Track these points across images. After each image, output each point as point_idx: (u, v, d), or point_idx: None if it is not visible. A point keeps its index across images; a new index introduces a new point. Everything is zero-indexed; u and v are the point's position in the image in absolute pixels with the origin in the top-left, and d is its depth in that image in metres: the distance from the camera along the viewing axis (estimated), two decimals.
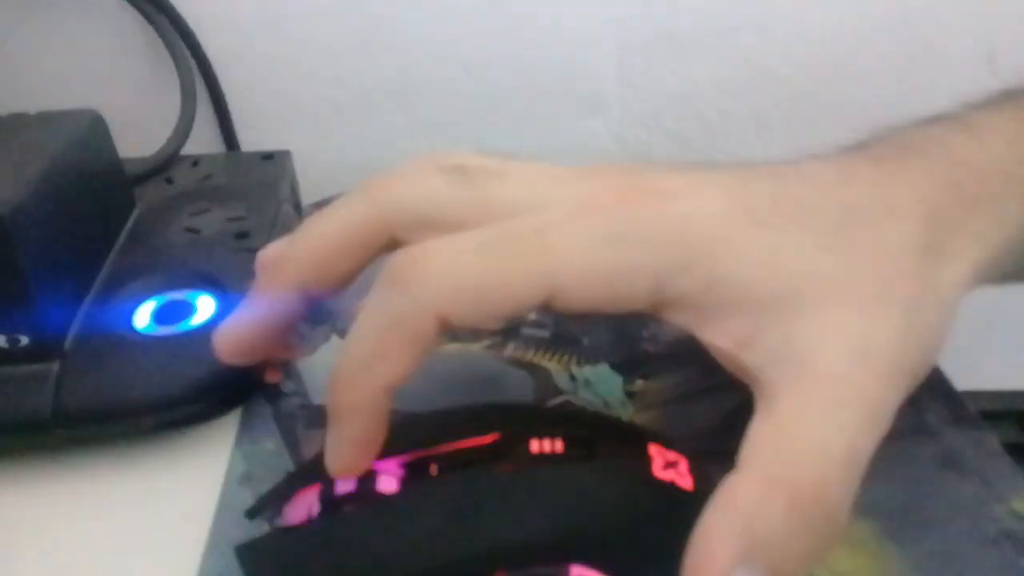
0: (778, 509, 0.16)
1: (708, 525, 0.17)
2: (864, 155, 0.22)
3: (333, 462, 0.19)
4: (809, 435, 0.17)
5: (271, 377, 0.30)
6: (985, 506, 0.24)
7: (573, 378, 0.29)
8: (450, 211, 0.20)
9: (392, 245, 0.21)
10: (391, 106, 0.47)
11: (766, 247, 0.19)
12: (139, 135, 0.39)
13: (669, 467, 0.20)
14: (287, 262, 0.22)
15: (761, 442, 0.18)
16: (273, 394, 0.30)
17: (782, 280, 0.19)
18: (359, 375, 0.19)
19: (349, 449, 0.19)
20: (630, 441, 0.21)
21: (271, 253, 0.23)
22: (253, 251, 0.32)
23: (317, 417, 0.28)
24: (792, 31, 0.46)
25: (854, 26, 0.45)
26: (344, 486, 0.20)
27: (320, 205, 0.41)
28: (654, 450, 0.21)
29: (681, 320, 0.20)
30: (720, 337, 0.19)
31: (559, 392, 0.29)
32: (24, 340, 0.27)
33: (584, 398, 0.29)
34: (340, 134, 0.48)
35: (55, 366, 0.27)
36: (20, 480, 0.27)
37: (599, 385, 0.29)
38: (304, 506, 0.20)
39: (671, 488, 0.20)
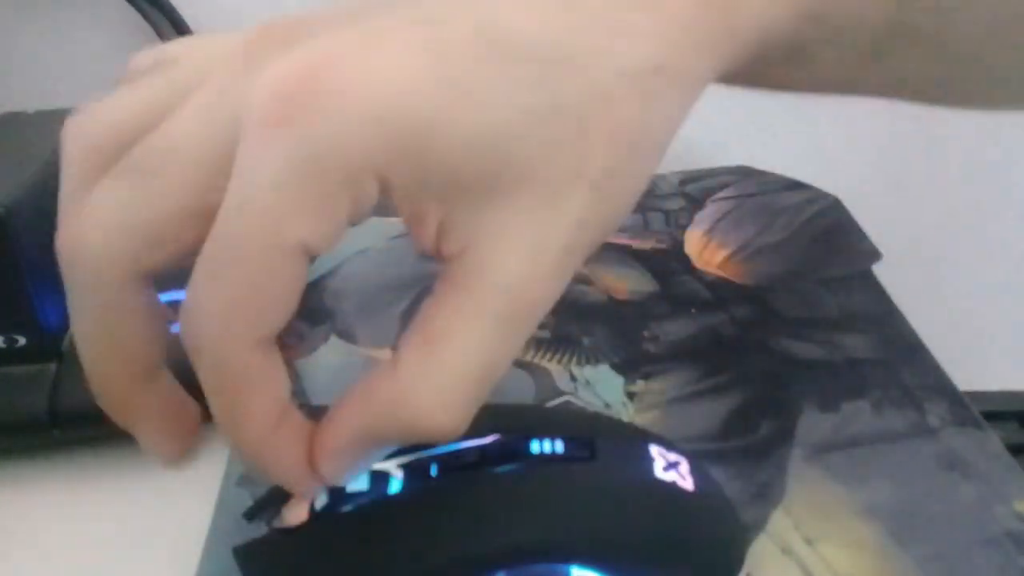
0: (387, 424, 0.17)
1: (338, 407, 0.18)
2: None
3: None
4: (448, 355, 0.17)
5: None
6: (987, 507, 0.24)
7: (573, 378, 0.29)
8: (147, 211, 0.17)
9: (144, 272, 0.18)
10: None
11: (473, 122, 0.17)
12: None
13: (670, 468, 0.20)
14: None
15: (413, 341, 0.17)
16: None
17: (485, 160, 0.17)
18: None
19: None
20: (631, 442, 0.21)
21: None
22: None
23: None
24: None
25: None
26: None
27: None
28: (655, 451, 0.20)
29: (402, 211, 0.18)
30: (429, 227, 0.17)
31: (559, 392, 0.29)
32: (22, 341, 0.27)
33: (584, 398, 0.29)
34: None
35: (53, 366, 0.27)
36: (18, 480, 0.27)
37: (599, 385, 0.29)
38: (303, 507, 0.20)
39: (672, 488, 0.20)
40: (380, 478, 0.20)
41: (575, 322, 0.32)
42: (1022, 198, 0.54)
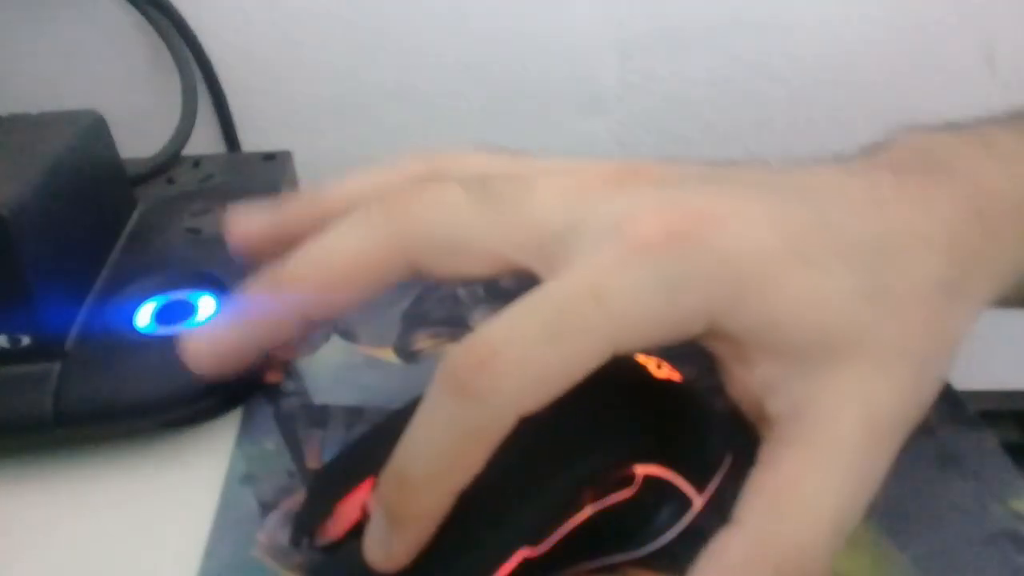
0: (764, 573, 0.17)
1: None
2: (887, 166, 0.22)
3: (384, 562, 0.18)
4: (805, 501, 0.18)
5: (271, 377, 0.30)
6: (984, 505, 0.24)
7: None
8: (477, 237, 0.19)
9: (412, 270, 0.20)
10: (391, 106, 0.47)
11: (811, 290, 0.19)
12: (140, 135, 0.40)
13: (660, 368, 0.22)
14: (292, 287, 0.20)
15: (758, 498, 0.18)
16: (273, 394, 0.30)
17: (820, 329, 0.19)
18: (435, 485, 0.18)
19: (406, 552, 0.18)
20: (620, 360, 0.22)
21: (278, 273, 0.20)
22: None
23: (318, 417, 0.28)
24: (792, 31, 0.46)
25: (853, 26, 0.45)
26: None
27: None
28: (642, 358, 0.22)
29: (719, 351, 0.20)
30: (751, 378, 0.19)
31: None
32: (25, 340, 0.27)
33: None
34: (341, 134, 0.48)
35: (56, 366, 0.27)
36: (20, 480, 0.27)
37: None
38: (350, 516, 0.21)
39: (670, 384, 0.22)
40: None
41: None
42: None
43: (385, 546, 0.18)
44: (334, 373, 0.31)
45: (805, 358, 0.19)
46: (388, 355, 0.31)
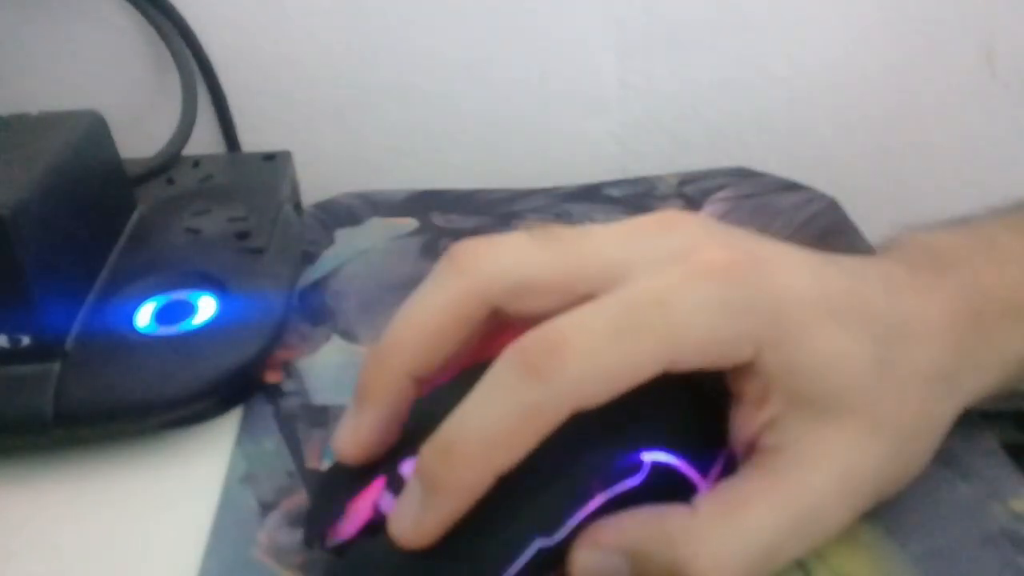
0: (662, 559, 0.19)
1: (628, 515, 0.20)
2: (902, 261, 0.24)
3: (411, 532, 0.19)
4: (742, 530, 0.20)
5: (271, 377, 0.30)
6: (984, 506, 0.24)
7: None
8: (546, 274, 0.21)
9: (494, 315, 0.21)
10: (391, 106, 0.47)
11: (837, 348, 0.20)
12: (140, 136, 0.40)
13: None
14: (393, 354, 0.21)
15: (711, 501, 0.20)
16: (274, 394, 0.30)
17: (835, 386, 0.20)
18: (481, 458, 0.18)
19: (436, 525, 0.19)
20: None
21: (376, 350, 0.22)
22: (254, 251, 0.33)
23: (318, 417, 0.28)
24: (792, 32, 0.46)
25: (853, 26, 0.45)
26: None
27: (321, 206, 0.41)
28: None
29: (745, 389, 0.21)
30: (758, 418, 0.21)
31: None
32: (25, 340, 0.27)
33: None
34: (340, 134, 0.48)
35: (56, 366, 0.27)
36: (20, 480, 0.27)
37: None
38: (362, 515, 0.21)
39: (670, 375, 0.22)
40: None
41: None
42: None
43: (416, 517, 0.19)
44: (334, 373, 0.31)
45: (812, 407, 0.20)
46: None
